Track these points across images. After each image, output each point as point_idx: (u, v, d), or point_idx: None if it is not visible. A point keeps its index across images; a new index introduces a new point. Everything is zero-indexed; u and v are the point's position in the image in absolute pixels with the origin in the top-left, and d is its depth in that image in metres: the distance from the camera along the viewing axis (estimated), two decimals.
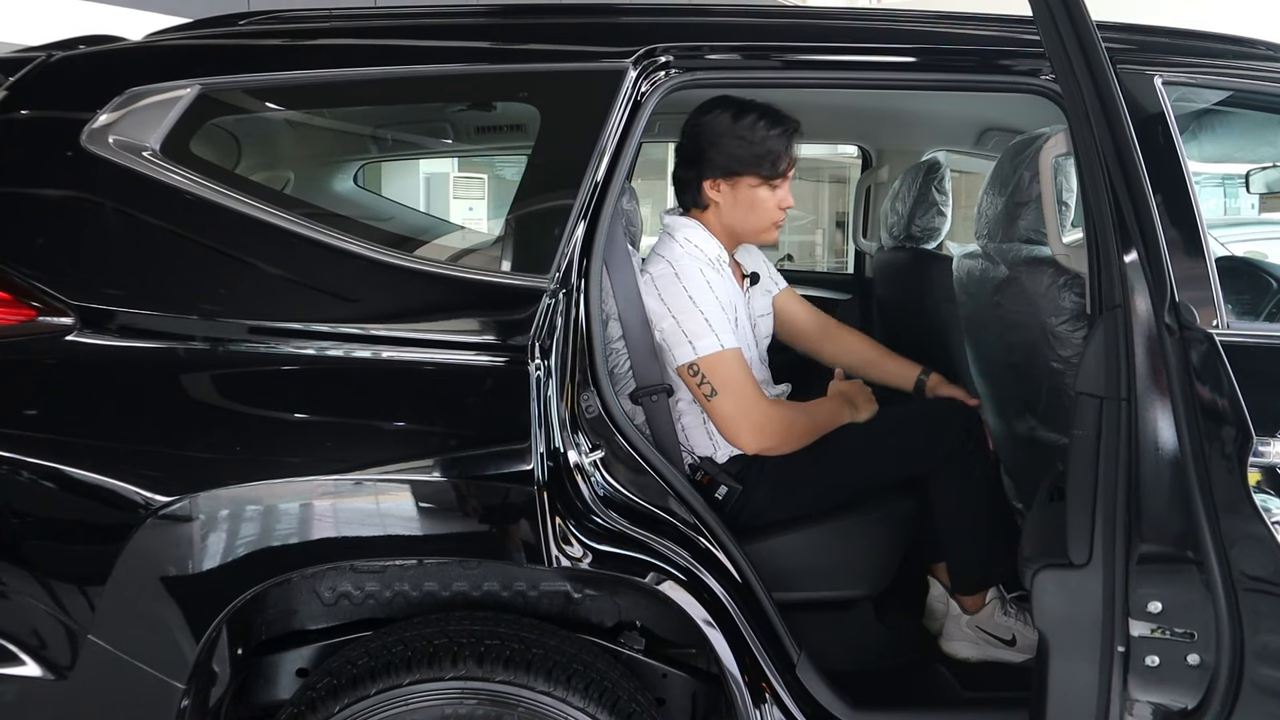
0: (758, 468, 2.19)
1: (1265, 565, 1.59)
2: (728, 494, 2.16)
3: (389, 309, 1.77)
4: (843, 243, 4.47)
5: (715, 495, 2.16)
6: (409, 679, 1.69)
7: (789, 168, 2.22)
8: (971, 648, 2.27)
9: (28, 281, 1.69)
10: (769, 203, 2.23)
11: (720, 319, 2.13)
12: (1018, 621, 2.26)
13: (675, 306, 2.12)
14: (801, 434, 2.17)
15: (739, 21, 2.02)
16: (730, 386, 2.10)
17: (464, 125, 2.87)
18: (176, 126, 1.78)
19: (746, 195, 2.22)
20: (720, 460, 2.21)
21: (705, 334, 2.10)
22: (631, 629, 2.02)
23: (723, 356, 2.10)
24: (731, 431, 2.13)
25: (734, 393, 2.10)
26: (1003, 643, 2.26)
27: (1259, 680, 1.62)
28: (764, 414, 2.12)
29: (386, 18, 2.01)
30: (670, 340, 2.12)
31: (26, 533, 1.69)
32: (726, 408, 2.10)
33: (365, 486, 1.70)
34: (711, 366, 2.09)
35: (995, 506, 2.28)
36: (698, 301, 2.12)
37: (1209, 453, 1.59)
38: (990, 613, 2.27)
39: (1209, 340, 1.60)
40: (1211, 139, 2.50)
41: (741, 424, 2.11)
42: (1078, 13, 1.57)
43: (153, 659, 1.67)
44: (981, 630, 2.27)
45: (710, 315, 2.11)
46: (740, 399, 2.10)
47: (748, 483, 2.17)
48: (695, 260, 2.19)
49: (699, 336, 2.10)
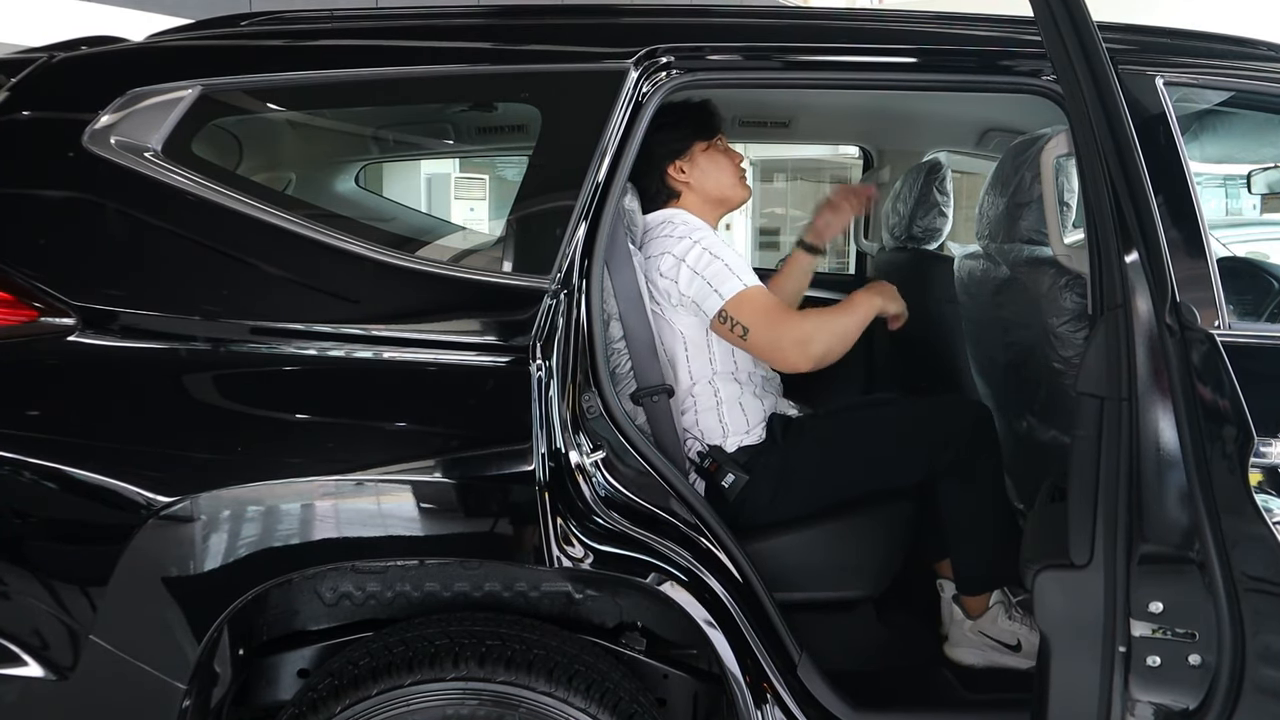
0: (765, 460, 2.20)
1: (1266, 565, 1.59)
2: (734, 483, 2.16)
3: (390, 310, 1.77)
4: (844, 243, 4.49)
5: (721, 484, 2.17)
6: (410, 679, 1.69)
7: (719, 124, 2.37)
8: (976, 654, 2.26)
9: (29, 282, 1.69)
10: (724, 160, 2.35)
11: (739, 263, 2.19)
12: (1022, 626, 2.24)
13: (699, 265, 2.17)
14: (843, 332, 2.20)
15: (740, 22, 2.02)
16: (758, 319, 2.14)
17: (465, 126, 2.87)
18: (178, 127, 1.78)
19: (703, 161, 2.33)
20: (729, 449, 2.22)
21: (728, 278, 2.15)
22: (633, 629, 2.02)
23: (746, 295, 2.15)
24: (779, 359, 2.18)
25: (764, 323, 2.14)
26: (1007, 648, 2.24)
27: (1260, 681, 1.62)
28: (800, 330, 2.16)
29: (388, 19, 2.01)
30: (699, 297, 2.17)
31: (28, 533, 1.69)
32: (763, 339, 2.15)
33: (367, 487, 1.71)
34: (738, 306, 2.14)
35: (1003, 507, 2.28)
36: (718, 254, 2.18)
37: (1210, 453, 1.59)
38: (994, 617, 2.26)
39: (1210, 340, 1.60)
40: (1213, 139, 2.49)
41: (786, 348, 2.15)
42: (1079, 13, 1.57)
43: (154, 659, 1.67)
44: (985, 635, 2.25)
45: (730, 262, 2.18)
46: (771, 326, 2.14)
47: (755, 474, 2.17)
48: (704, 228, 2.26)
49: (723, 282, 2.15)
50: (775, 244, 10.70)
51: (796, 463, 2.19)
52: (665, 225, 2.27)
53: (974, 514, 2.22)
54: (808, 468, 2.20)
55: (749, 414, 2.25)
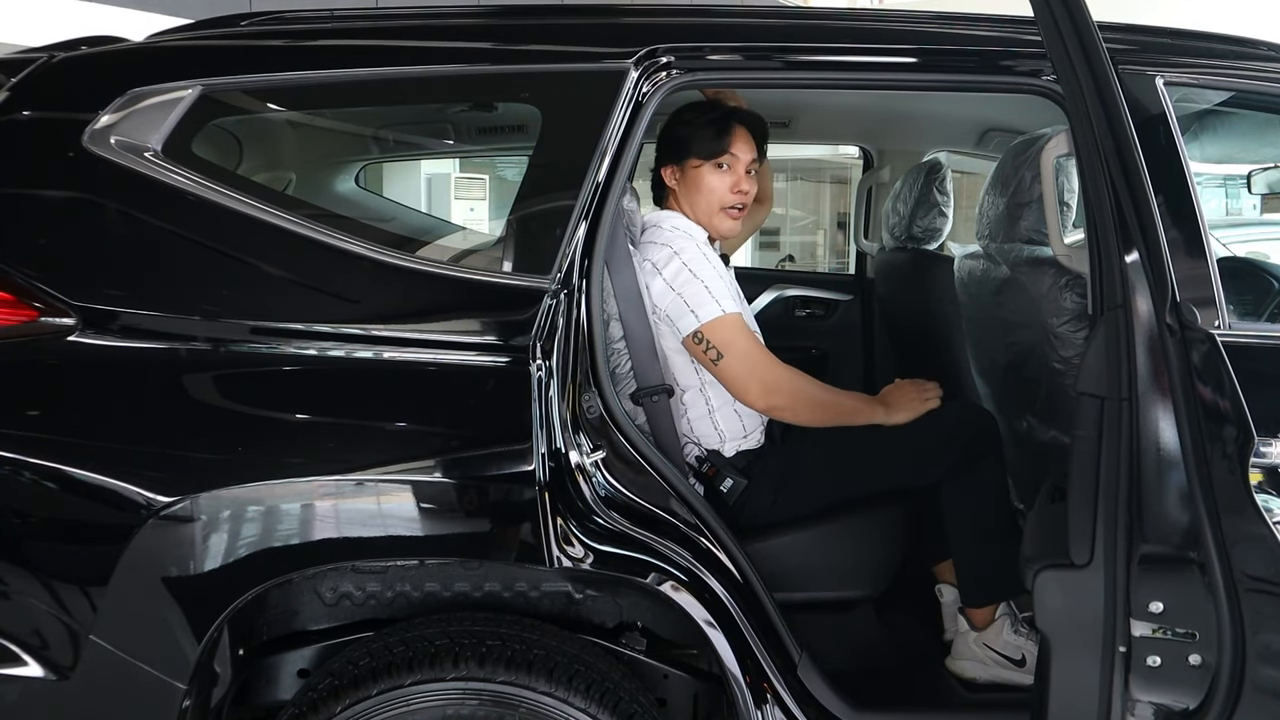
0: (764, 464, 2.19)
1: (1267, 565, 1.59)
2: (732, 488, 2.16)
3: (390, 309, 1.77)
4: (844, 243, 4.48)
5: (720, 488, 2.16)
6: (410, 679, 1.69)
7: (728, 148, 2.23)
8: (979, 668, 2.22)
9: (30, 282, 1.69)
10: (716, 186, 2.25)
11: (720, 287, 2.16)
12: (1027, 641, 2.20)
13: (676, 282, 2.15)
14: (814, 404, 2.17)
15: (740, 22, 2.02)
16: (734, 348, 2.13)
17: (465, 126, 2.87)
18: (178, 127, 1.78)
19: (692, 176, 2.26)
20: (727, 454, 2.22)
21: (706, 301, 2.13)
22: (633, 629, 2.02)
23: (724, 321, 2.13)
24: (740, 389, 2.15)
25: (739, 354, 2.13)
26: (1012, 663, 2.20)
27: (1260, 681, 1.62)
28: (773, 375, 2.15)
29: (388, 19, 2.01)
30: (673, 313, 2.15)
31: (29, 533, 1.69)
32: (733, 368, 2.13)
33: (367, 487, 1.71)
34: (714, 331, 2.13)
35: (1007, 516, 2.25)
36: (697, 273, 2.15)
37: (1210, 453, 1.59)
38: (999, 629, 2.22)
39: (1210, 340, 1.60)
40: (1213, 139, 2.50)
41: (749, 382, 2.13)
42: (1079, 13, 1.57)
43: (154, 659, 1.67)
44: (989, 648, 2.22)
45: (710, 284, 2.15)
46: (746, 359, 2.13)
47: (754, 478, 2.17)
48: (689, 239, 2.22)
49: (700, 304, 2.13)
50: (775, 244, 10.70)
51: (796, 467, 2.19)
52: (653, 230, 2.26)
53: (977, 524, 2.19)
54: (808, 472, 2.19)
55: (744, 419, 2.24)
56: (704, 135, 2.24)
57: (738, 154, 2.24)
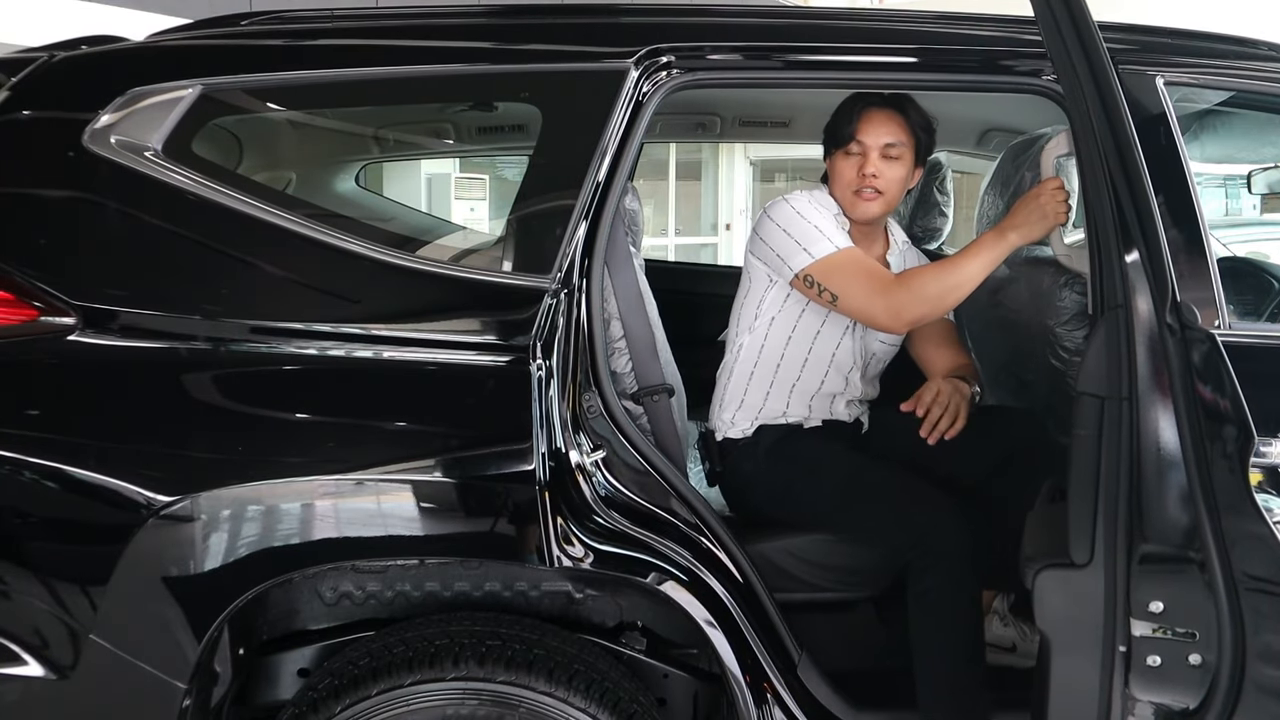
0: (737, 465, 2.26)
1: (1267, 565, 1.59)
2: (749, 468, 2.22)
3: (391, 309, 1.77)
4: None
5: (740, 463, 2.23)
6: (410, 679, 1.69)
7: (854, 135, 2.22)
8: None
9: (30, 281, 1.69)
10: (846, 171, 2.25)
11: (832, 228, 2.16)
12: (1016, 631, 2.24)
13: (785, 221, 2.16)
14: (945, 293, 2.10)
15: (740, 22, 2.02)
16: (850, 286, 2.11)
17: (466, 126, 2.87)
18: (178, 127, 1.78)
19: (833, 165, 2.29)
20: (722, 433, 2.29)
21: (818, 239, 2.13)
22: (633, 629, 2.02)
23: (835, 258, 2.12)
24: (868, 320, 2.17)
25: (856, 289, 2.11)
26: (1003, 650, 2.24)
27: (1260, 680, 1.62)
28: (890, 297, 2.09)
29: (388, 18, 2.01)
30: (784, 252, 2.15)
31: (29, 533, 1.69)
32: (854, 304, 2.13)
33: (367, 486, 1.71)
34: (826, 271, 2.11)
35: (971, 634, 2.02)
36: (807, 216, 2.16)
37: (1211, 453, 1.59)
38: (989, 627, 2.25)
39: (1210, 340, 1.60)
40: (1213, 139, 2.49)
41: (874, 313, 2.12)
42: (1079, 13, 1.57)
43: (154, 659, 1.67)
44: None
45: (821, 225, 2.15)
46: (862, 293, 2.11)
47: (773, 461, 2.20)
48: (813, 201, 2.22)
49: (813, 242, 2.13)
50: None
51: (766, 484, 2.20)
52: None
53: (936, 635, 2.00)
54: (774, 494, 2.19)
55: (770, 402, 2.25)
56: (834, 124, 2.27)
57: (865, 140, 2.21)
